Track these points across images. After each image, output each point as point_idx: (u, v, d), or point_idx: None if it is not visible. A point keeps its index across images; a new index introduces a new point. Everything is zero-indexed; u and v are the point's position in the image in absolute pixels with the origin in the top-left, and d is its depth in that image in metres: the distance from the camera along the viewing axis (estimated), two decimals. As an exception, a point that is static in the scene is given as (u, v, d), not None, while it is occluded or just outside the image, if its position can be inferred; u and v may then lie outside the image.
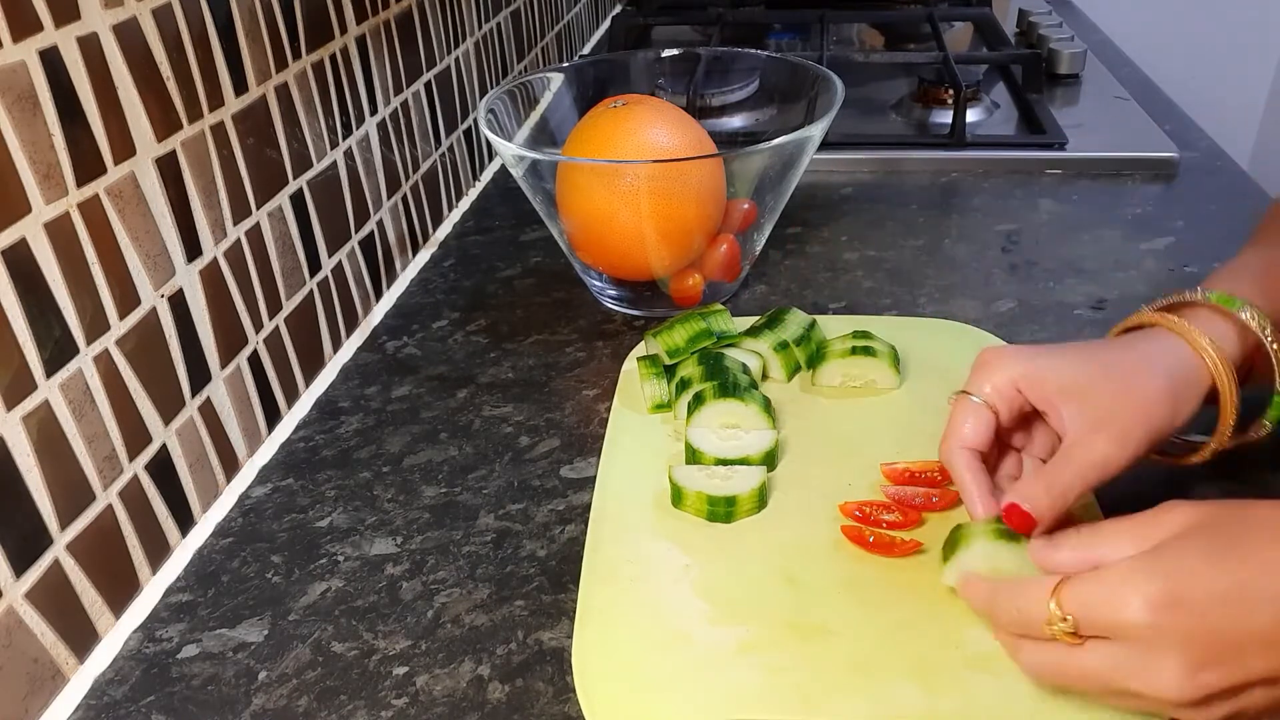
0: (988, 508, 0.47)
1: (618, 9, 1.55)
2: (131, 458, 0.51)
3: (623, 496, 0.56)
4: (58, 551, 0.47)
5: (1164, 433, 0.47)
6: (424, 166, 0.85)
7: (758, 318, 0.67)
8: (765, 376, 0.65)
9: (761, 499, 0.54)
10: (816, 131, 0.68)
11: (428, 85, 0.85)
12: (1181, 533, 0.38)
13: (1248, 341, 0.49)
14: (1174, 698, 0.36)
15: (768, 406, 0.58)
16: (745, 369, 0.62)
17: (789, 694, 0.44)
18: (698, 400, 0.58)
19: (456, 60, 0.91)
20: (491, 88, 0.99)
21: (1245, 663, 0.35)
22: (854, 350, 0.63)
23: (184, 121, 0.54)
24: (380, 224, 0.78)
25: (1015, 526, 0.45)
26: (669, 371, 0.63)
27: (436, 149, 0.88)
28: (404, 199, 0.82)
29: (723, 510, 0.53)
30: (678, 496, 0.54)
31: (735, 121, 1.00)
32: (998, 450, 0.51)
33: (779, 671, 0.45)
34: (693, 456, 0.57)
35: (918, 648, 0.45)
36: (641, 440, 0.60)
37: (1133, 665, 0.37)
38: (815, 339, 0.65)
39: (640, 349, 0.68)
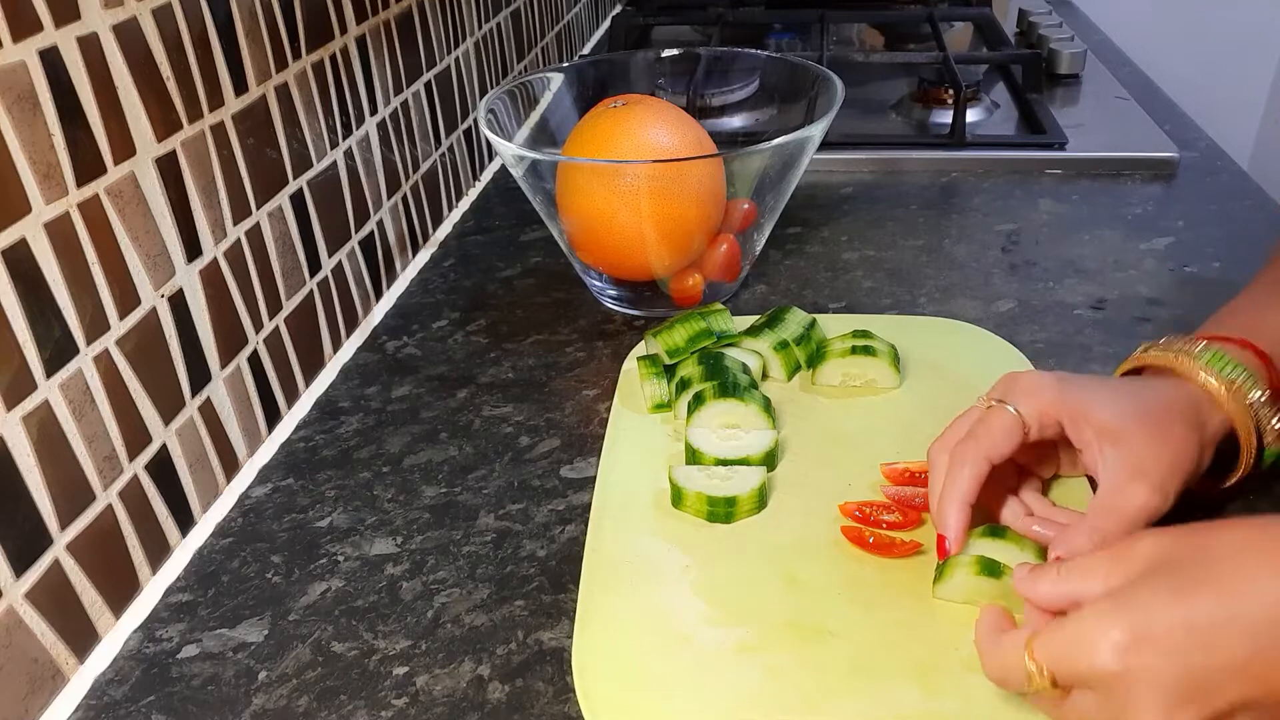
0: (963, 526, 0.47)
1: (618, 9, 1.55)
2: (131, 458, 0.51)
3: (623, 496, 0.56)
4: (58, 551, 0.47)
5: (1193, 477, 0.48)
6: (424, 166, 0.85)
7: (758, 317, 0.67)
8: (765, 376, 0.65)
9: (761, 499, 0.54)
10: (816, 131, 0.68)
11: (428, 85, 0.85)
12: (1145, 570, 0.38)
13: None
14: None
15: (768, 406, 0.58)
16: (745, 369, 0.62)
17: (788, 695, 0.44)
18: (698, 400, 0.58)
19: (456, 60, 0.91)
20: (491, 88, 0.99)
21: (1221, 694, 0.35)
22: (854, 350, 0.63)
23: (184, 121, 0.54)
24: (380, 224, 0.78)
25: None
26: (669, 371, 0.63)
27: (436, 149, 0.88)
28: (404, 199, 0.82)
29: (723, 511, 0.53)
30: (678, 497, 0.54)
31: (735, 121, 1.00)
32: None
33: (778, 672, 0.45)
34: (693, 456, 0.57)
35: (917, 649, 0.45)
36: (641, 440, 0.60)
37: (1113, 712, 0.37)
38: (815, 338, 0.65)
39: (640, 349, 0.68)
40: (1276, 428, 0.50)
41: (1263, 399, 0.49)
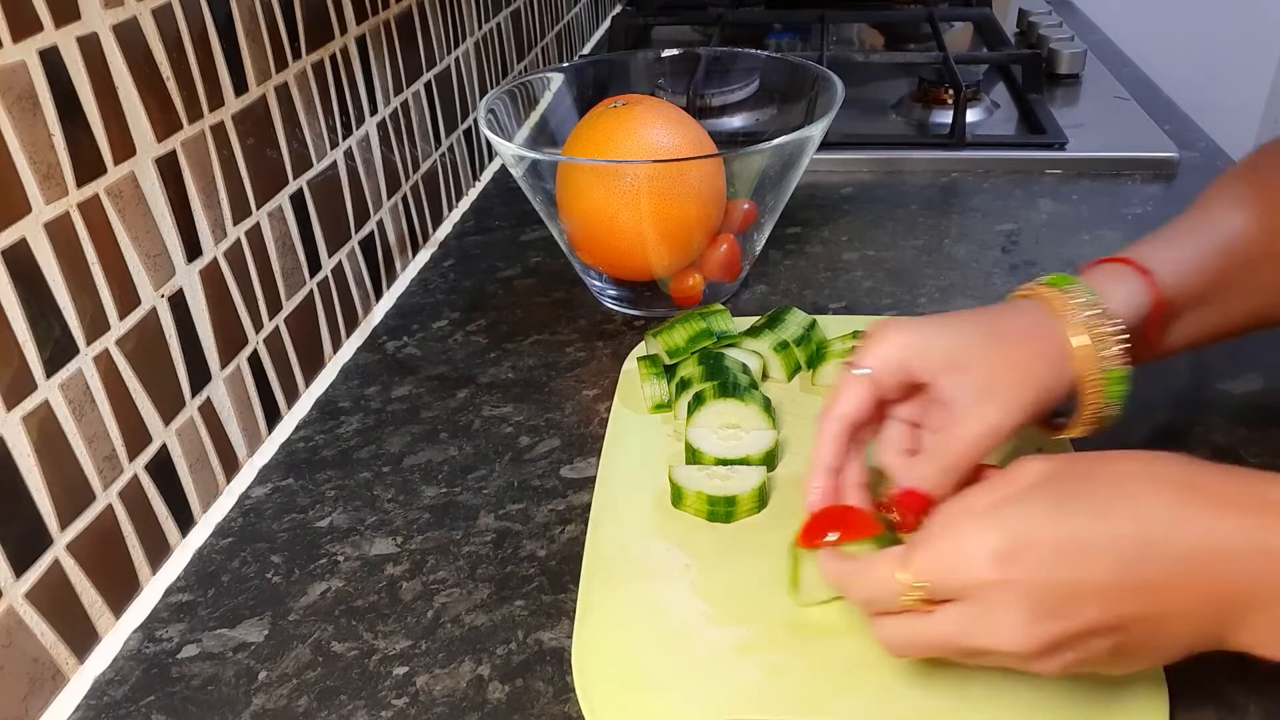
0: (824, 491, 0.47)
1: (618, 9, 1.55)
2: (131, 458, 0.51)
3: (623, 496, 0.56)
4: (58, 551, 0.47)
5: (1054, 393, 0.46)
6: (424, 166, 0.85)
7: (758, 318, 0.67)
8: (765, 376, 0.65)
9: (761, 499, 0.54)
10: (816, 131, 0.68)
11: (428, 85, 0.85)
12: (1029, 486, 0.39)
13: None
14: (1016, 649, 0.37)
15: (768, 406, 0.58)
16: (745, 369, 0.62)
17: (788, 694, 0.44)
18: (698, 400, 0.58)
19: (456, 60, 0.91)
20: (491, 88, 0.99)
21: (1083, 612, 0.36)
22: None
23: (184, 121, 0.54)
24: (380, 224, 0.78)
25: (912, 509, 0.47)
26: (669, 371, 0.63)
27: (436, 149, 0.88)
28: (404, 199, 0.82)
29: (723, 510, 0.53)
30: (678, 496, 0.54)
31: (735, 121, 1.00)
32: (880, 419, 0.50)
33: (778, 672, 0.45)
34: (693, 456, 0.57)
35: None
36: (641, 440, 0.60)
37: (979, 623, 0.37)
38: (815, 339, 0.65)
39: (641, 349, 0.68)
40: (1116, 349, 0.46)
41: (1096, 315, 0.46)
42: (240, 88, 0.59)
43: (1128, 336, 0.47)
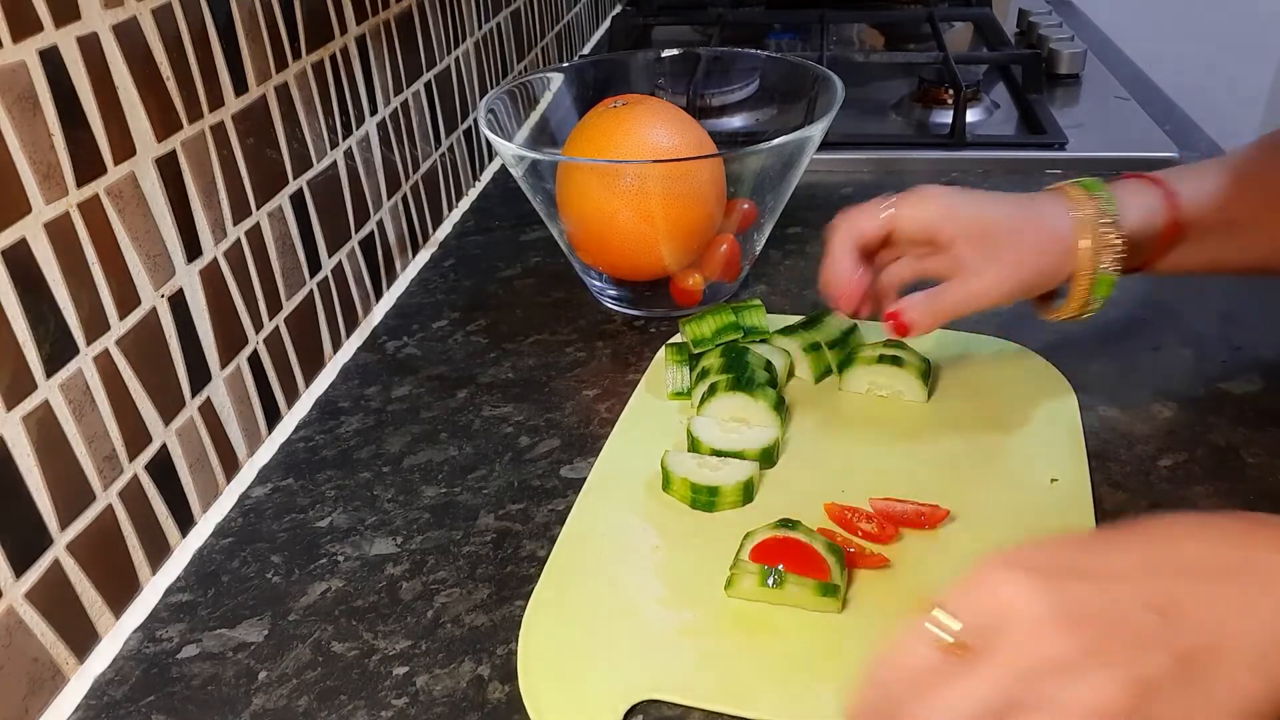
0: (853, 285, 0.56)
1: (618, 9, 1.55)
2: (131, 458, 0.51)
3: (619, 474, 0.57)
4: (58, 551, 0.47)
5: (1051, 279, 0.54)
6: (424, 166, 0.85)
7: (801, 316, 0.68)
8: (792, 375, 0.65)
9: (747, 493, 0.54)
10: (816, 131, 0.68)
11: (428, 85, 0.85)
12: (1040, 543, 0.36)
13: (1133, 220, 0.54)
14: (1048, 649, 0.31)
15: (778, 405, 0.58)
16: (769, 366, 0.62)
17: (716, 681, 0.44)
18: (711, 391, 0.59)
19: (456, 60, 0.91)
20: (491, 88, 0.99)
21: (1112, 591, 0.32)
22: (881, 359, 0.62)
23: (184, 121, 0.54)
24: (380, 224, 0.78)
25: (894, 331, 0.56)
26: (694, 361, 0.64)
27: (436, 149, 0.88)
28: (404, 199, 0.82)
29: (705, 499, 0.54)
30: (666, 481, 0.55)
31: (735, 121, 1.00)
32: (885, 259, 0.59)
33: (713, 658, 0.46)
34: (692, 444, 0.58)
35: (858, 656, 0.44)
36: (654, 424, 0.61)
37: (1018, 648, 0.31)
38: (852, 344, 0.65)
39: (678, 336, 0.69)
40: (1112, 257, 0.53)
41: (1107, 225, 0.53)
42: (240, 88, 0.59)
43: (1125, 251, 0.53)
